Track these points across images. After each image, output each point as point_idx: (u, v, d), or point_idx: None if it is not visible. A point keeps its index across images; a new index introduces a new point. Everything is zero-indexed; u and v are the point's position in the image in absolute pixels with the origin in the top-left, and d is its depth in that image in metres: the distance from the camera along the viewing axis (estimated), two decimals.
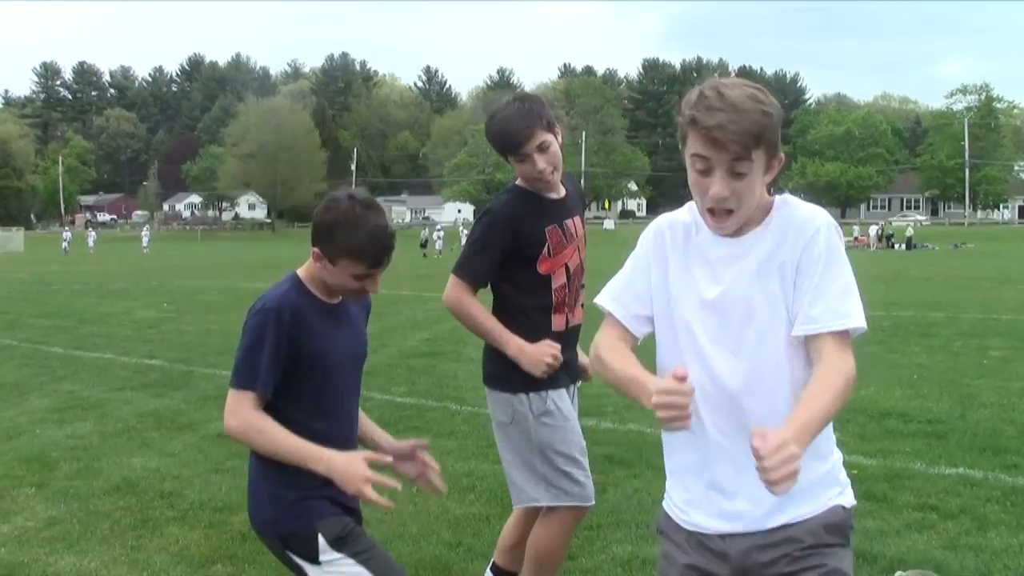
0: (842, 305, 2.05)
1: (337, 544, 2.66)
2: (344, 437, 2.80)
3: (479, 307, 3.48)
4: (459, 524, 5.10)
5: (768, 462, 1.77)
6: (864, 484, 5.50)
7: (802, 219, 2.11)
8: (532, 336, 3.46)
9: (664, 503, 2.33)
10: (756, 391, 2.11)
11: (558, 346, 3.43)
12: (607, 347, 2.22)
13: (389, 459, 2.77)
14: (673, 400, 1.87)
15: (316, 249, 2.68)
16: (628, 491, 5.58)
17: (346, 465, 2.54)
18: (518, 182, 3.54)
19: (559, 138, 3.46)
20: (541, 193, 3.50)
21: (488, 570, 3.88)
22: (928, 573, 4.16)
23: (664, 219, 2.29)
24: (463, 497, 5.57)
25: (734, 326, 2.12)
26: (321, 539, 2.65)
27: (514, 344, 3.43)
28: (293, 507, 2.68)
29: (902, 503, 5.28)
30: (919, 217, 59.45)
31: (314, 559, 2.66)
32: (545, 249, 3.46)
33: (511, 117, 3.38)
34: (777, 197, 2.18)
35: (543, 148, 3.37)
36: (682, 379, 1.87)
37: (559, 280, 3.50)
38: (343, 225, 2.63)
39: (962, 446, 6.56)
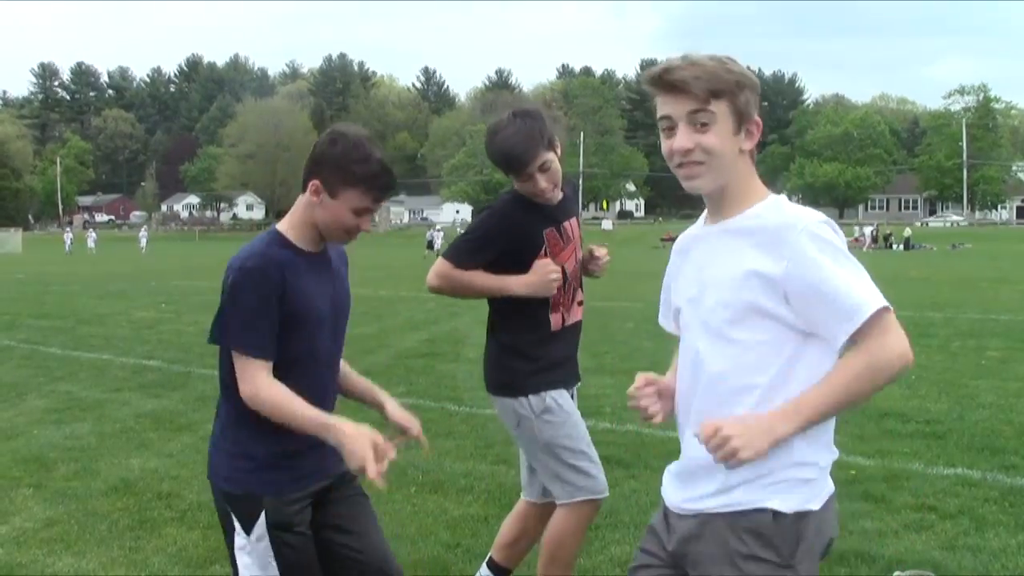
0: (848, 304, 1.96)
1: (273, 527, 2.63)
2: (324, 387, 2.78)
3: (468, 273, 3.51)
4: (457, 525, 5.10)
5: (709, 446, 1.97)
6: (862, 484, 5.50)
7: (776, 226, 2.04)
8: (529, 334, 3.54)
9: None
10: (727, 381, 2.10)
11: (548, 260, 3.49)
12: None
13: (392, 456, 2.58)
14: (634, 404, 2.26)
15: (316, 181, 2.63)
16: (626, 492, 5.58)
17: (354, 440, 2.47)
18: (517, 187, 3.57)
19: (559, 151, 3.50)
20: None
21: (484, 565, 3.90)
22: (926, 573, 4.15)
23: (681, 236, 2.37)
24: (461, 498, 5.57)
25: (710, 321, 2.12)
26: (263, 515, 2.63)
27: (517, 282, 3.48)
28: (255, 472, 2.65)
29: (900, 503, 5.28)
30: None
31: (247, 528, 2.64)
32: (543, 252, 3.52)
33: (512, 139, 3.41)
34: (771, 197, 2.16)
35: (544, 168, 3.43)
36: (645, 384, 2.25)
37: None
38: (355, 156, 2.60)
39: (960, 446, 6.57)
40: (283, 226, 2.72)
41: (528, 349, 3.53)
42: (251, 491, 2.65)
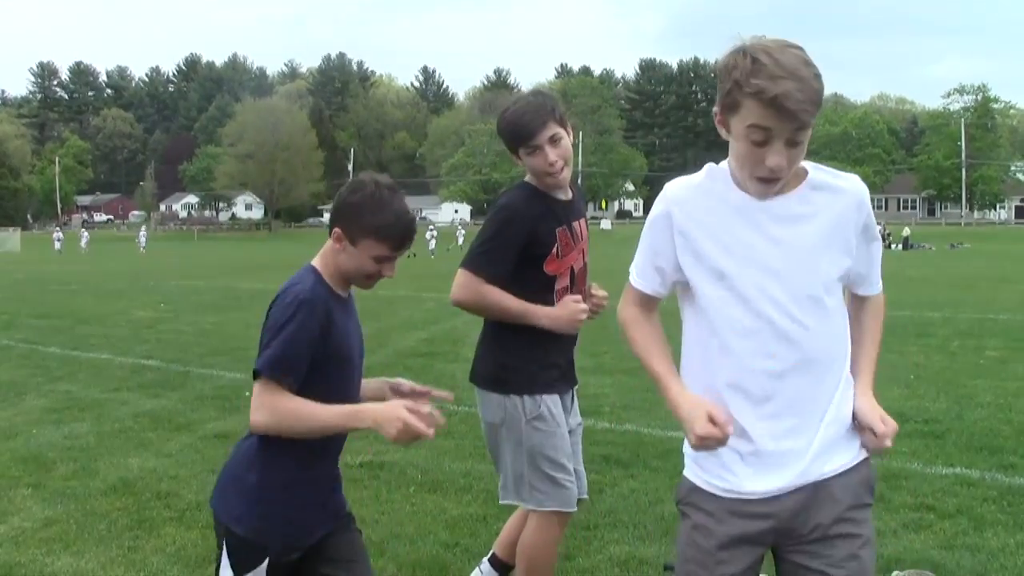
0: (878, 268, 2.33)
1: (270, 574, 2.62)
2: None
3: (498, 291, 3.43)
4: (456, 524, 5.10)
5: (889, 442, 2.23)
6: None
7: (856, 187, 2.21)
8: (533, 334, 3.45)
9: (688, 473, 2.30)
10: (816, 346, 2.16)
11: (579, 297, 3.48)
12: (632, 321, 2.34)
13: (426, 409, 2.55)
14: (712, 445, 2.12)
15: (338, 229, 2.68)
16: (625, 491, 5.58)
17: (387, 414, 2.50)
18: (527, 179, 3.50)
19: (570, 135, 3.45)
20: (551, 193, 3.48)
21: (485, 560, 3.90)
22: (925, 573, 4.16)
23: (680, 187, 2.25)
24: (460, 497, 5.57)
25: (797, 285, 2.14)
26: (264, 565, 2.62)
27: (542, 312, 3.43)
28: (264, 519, 2.64)
29: (899, 503, 5.29)
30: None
31: (242, 571, 2.63)
32: (554, 250, 3.45)
33: (524, 109, 3.39)
34: (814, 165, 2.22)
35: (554, 140, 3.37)
36: (724, 425, 2.09)
37: (562, 282, 3.50)
38: (371, 206, 2.65)
39: (959, 446, 6.57)
40: (318, 265, 2.76)
41: (528, 347, 3.45)
42: (262, 542, 2.63)
